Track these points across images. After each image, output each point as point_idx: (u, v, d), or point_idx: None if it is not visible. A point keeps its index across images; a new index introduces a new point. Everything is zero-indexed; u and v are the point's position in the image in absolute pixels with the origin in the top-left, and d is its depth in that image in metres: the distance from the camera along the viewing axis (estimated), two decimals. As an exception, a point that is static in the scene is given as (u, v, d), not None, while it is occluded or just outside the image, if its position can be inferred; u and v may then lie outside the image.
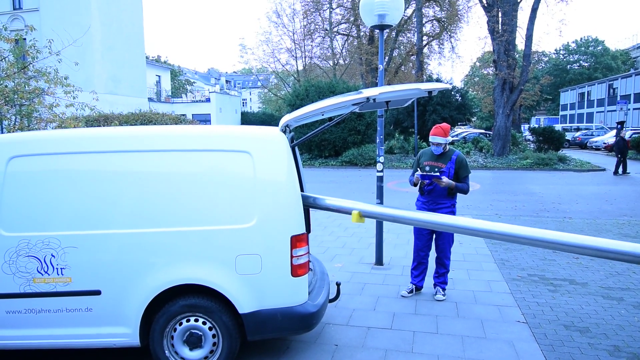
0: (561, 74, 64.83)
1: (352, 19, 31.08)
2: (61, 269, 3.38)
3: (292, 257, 3.44)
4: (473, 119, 49.94)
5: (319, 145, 23.15)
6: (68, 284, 3.39)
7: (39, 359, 3.93)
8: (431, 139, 4.94)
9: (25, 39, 10.43)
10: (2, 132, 9.57)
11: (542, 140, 24.03)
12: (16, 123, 9.53)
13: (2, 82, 8.79)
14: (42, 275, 3.39)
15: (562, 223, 8.92)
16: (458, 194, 5.03)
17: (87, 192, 3.45)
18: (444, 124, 5.00)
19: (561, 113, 61.37)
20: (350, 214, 3.60)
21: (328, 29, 33.00)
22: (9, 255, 3.38)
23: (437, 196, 5.00)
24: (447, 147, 5.01)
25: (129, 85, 32.39)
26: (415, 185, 5.14)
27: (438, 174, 4.82)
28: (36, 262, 3.38)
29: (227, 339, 3.46)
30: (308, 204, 3.81)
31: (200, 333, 3.48)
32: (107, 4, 30.26)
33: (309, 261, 3.72)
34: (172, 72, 52.00)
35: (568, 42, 67.04)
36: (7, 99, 8.71)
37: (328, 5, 32.31)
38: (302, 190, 4.01)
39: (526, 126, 45.58)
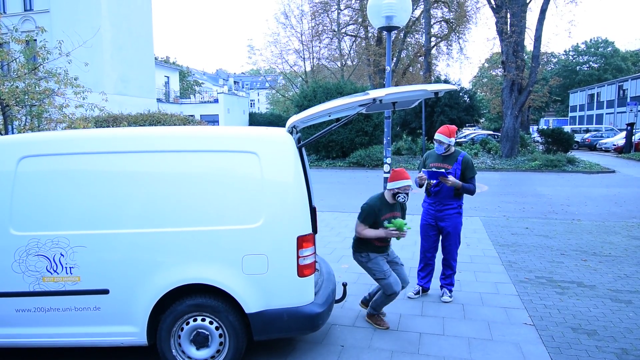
0: (570, 75, 64.45)
1: (360, 20, 31.12)
2: (70, 268, 3.42)
3: (298, 257, 3.45)
4: (481, 120, 49.73)
5: (326, 146, 23.14)
6: (77, 283, 3.43)
7: (46, 357, 3.97)
8: (436, 136, 4.95)
9: (35, 40, 10.54)
10: (13, 133, 9.68)
11: (550, 142, 23.86)
12: (26, 123, 9.66)
13: (13, 82, 8.91)
14: (52, 274, 3.42)
15: (571, 225, 8.85)
16: (464, 195, 5.03)
17: (96, 192, 3.48)
18: (452, 126, 5.01)
19: (570, 114, 60.94)
20: None
21: (336, 30, 33.05)
22: (19, 254, 3.42)
23: (444, 197, 5.00)
24: (452, 148, 5.00)
25: (137, 85, 32.58)
26: (420, 186, 5.13)
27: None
28: (45, 261, 3.42)
29: (233, 339, 3.47)
30: None
31: (207, 332, 3.50)
32: (117, 5, 30.46)
33: (315, 261, 3.73)
34: (180, 73, 52.27)
35: (577, 43, 66.81)
36: (18, 99, 8.83)
37: (336, 7, 32.39)
38: (308, 191, 4.02)
39: (535, 127, 45.31)
